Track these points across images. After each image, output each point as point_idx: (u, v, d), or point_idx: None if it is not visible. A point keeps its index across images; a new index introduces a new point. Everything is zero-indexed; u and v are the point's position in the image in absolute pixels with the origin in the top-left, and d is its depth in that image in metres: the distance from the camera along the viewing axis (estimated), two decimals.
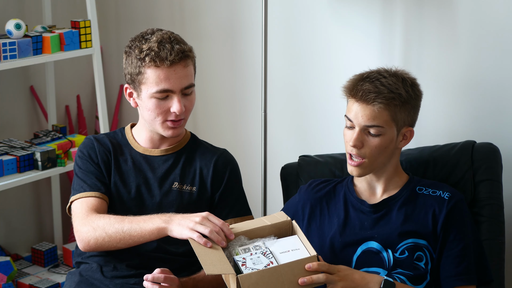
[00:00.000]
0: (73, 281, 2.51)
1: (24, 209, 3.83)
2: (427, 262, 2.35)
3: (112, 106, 3.92)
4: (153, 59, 2.44)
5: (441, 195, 2.40)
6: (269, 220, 2.30)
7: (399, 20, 3.06)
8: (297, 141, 3.40)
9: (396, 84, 2.36)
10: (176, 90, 2.47)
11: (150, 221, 2.34)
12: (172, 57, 2.44)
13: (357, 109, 2.35)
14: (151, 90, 2.47)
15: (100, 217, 2.42)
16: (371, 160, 2.36)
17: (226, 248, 2.23)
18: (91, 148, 2.60)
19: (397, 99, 2.34)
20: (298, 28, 3.31)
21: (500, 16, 2.84)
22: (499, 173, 2.63)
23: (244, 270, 2.14)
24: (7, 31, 3.25)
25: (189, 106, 2.52)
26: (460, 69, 2.95)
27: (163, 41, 2.46)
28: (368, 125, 2.34)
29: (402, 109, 2.36)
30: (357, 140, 2.35)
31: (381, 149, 2.36)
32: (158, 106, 2.48)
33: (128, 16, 3.83)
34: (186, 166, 2.59)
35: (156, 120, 2.51)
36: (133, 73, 2.49)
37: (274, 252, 2.19)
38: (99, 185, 2.53)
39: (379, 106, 2.33)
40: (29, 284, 3.53)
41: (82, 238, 2.43)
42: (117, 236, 2.38)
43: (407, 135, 2.42)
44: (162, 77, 2.45)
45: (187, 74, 2.49)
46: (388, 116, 2.35)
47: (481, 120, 2.93)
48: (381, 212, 2.41)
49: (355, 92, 2.36)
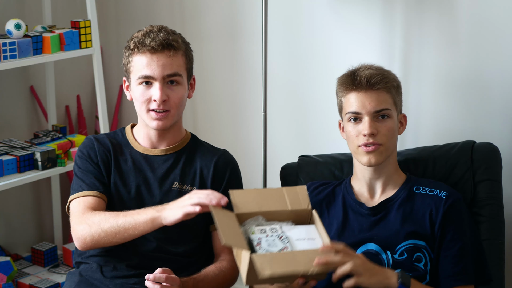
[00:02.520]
0: (73, 281, 2.51)
1: (24, 209, 3.83)
2: (426, 263, 2.35)
3: (112, 106, 3.92)
4: (136, 46, 2.50)
5: (438, 194, 2.40)
6: (290, 201, 2.26)
7: (399, 20, 3.06)
8: (297, 141, 3.40)
9: (386, 70, 2.44)
10: (157, 77, 2.48)
11: (143, 213, 2.36)
12: (154, 43, 2.48)
13: (362, 98, 2.37)
14: (135, 76, 2.51)
15: (96, 214, 2.43)
16: (386, 145, 2.38)
17: (242, 225, 2.22)
18: (91, 148, 2.60)
19: (393, 82, 2.42)
20: (298, 28, 3.31)
21: (500, 16, 2.84)
22: (499, 173, 2.63)
23: (258, 249, 2.13)
24: (7, 31, 3.25)
25: (175, 98, 2.52)
26: (460, 69, 2.95)
27: (151, 31, 2.52)
28: (378, 110, 2.37)
29: (397, 93, 2.44)
30: (371, 127, 2.36)
31: (393, 132, 2.39)
32: (142, 94, 2.51)
33: (128, 16, 3.83)
34: (186, 166, 2.59)
35: (142, 110, 2.53)
36: (125, 64, 2.56)
37: (290, 237, 2.17)
38: (97, 184, 2.53)
39: (383, 90, 2.37)
40: (29, 284, 3.53)
41: (78, 236, 2.44)
42: (113, 231, 2.38)
43: (403, 121, 2.48)
44: (144, 63, 2.49)
45: (172, 63, 2.50)
46: (390, 99, 2.40)
47: (481, 120, 2.93)
48: (379, 215, 2.41)
49: (358, 80, 2.38)
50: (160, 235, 2.50)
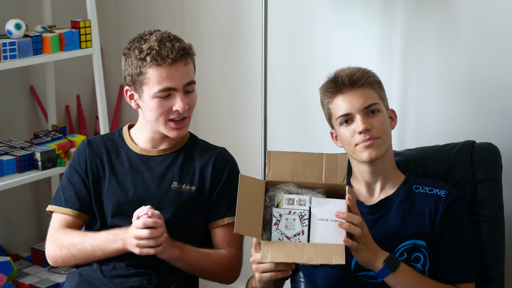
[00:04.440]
0: (73, 281, 2.51)
1: (24, 209, 3.83)
2: (424, 263, 2.35)
3: (112, 106, 3.92)
4: (154, 58, 2.44)
5: (438, 193, 2.40)
6: (326, 172, 2.25)
7: (399, 20, 3.06)
8: (297, 141, 3.40)
9: (364, 68, 2.43)
10: (179, 87, 2.47)
11: (109, 244, 2.44)
12: (173, 54, 2.44)
13: (349, 98, 2.37)
14: (153, 89, 2.47)
15: (65, 237, 2.51)
16: (383, 137, 2.37)
17: (272, 189, 2.23)
18: (82, 153, 2.62)
19: (375, 78, 2.42)
20: (298, 28, 3.31)
21: (500, 16, 2.84)
22: (499, 173, 2.63)
23: (273, 231, 2.17)
24: (7, 31, 3.25)
25: (191, 104, 2.53)
26: (460, 69, 2.95)
27: (163, 40, 2.47)
28: (367, 106, 2.36)
29: (380, 88, 2.43)
30: (365, 123, 2.35)
31: (386, 125, 2.39)
32: (161, 106, 2.48)
33: (128, 16, 3.83)
34: (184, 165, 2.59)
35: (159, 120, 2.50)
36: (134, 74, 2.49)
37: (313, 215, 2.18)
38: (74, 199, 2.57)
39: (366, 86, 2.37)
40: (29, 284, 3.53)
41: (50, 255, 2.55)
42: (82, 256, 2.49)
43: (393, 116, 2.47)
44: (164, 75, 2.45)
45: (188, 71, 2.49)
46: (376, 94, 2.39)
47: (481, 120, 2.93)
48: (379, 213, 2.41)
49: (340, 81, 2.38)
50: None
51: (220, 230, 2.57)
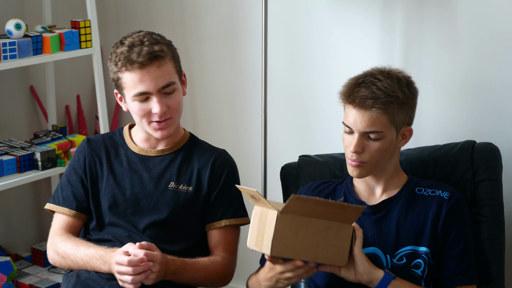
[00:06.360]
0: (70, 283, 2.51)
1: (24, 209, 3.83)
2: (424, 269, 2.34)
3: (112, 106, 3.92)
4: (124, 64, 2.45)
5: (441, 195, 2.39)
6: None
7: (399, 20, 3.06)
8: (297, 141, 3.40)
9: (392, 86, 2.32)
10: (153, 91, 2.46)
11: (97, 264, 2.43)
12: (141, 59, 2.43)
13: (355, 116, 2.32)
14: (130, 93, 2.48)
15: (60, 243, 2.53)
16: (372, 163, 2.35)
17: None
18: (81, 152, 2.63)
19: (394, 102, 2.31)
20: (298, 28, 3.31)
21: (500, 16, 2.84)
22: (499, 173, 2.63)
23: None
24: (7, 31, 3.25)
25: (174, 104, 2.50)
26: (460, 69, 2.95)
27: (134, 44, 2.45)
28: (368, 131, 2.32)
29: (400, 110, 2.33)
30: (357, 146, 2.32)
31: (382, 152, 2.34)
32: (140, 109, 2.49)
33: (128, 16, 3.83)
34: (182, 166, 2.58)
35: (143, 122, 2.51)
36: (114, 79, 2.53)
37: None
38: (71, 199, 2.58)
39: (377, 112, 2.29)
40: (29, 284, 3.53)
41: (49, 257, 2.60)
42: (75, 266, 2.51)
43: (406, 134, 2.41)
44: (136, 80, 2.45)
45: (163, 73, 2.46)
46: (386, 120, 2.32)
47: (481, 120, 2.93)
48: (380, 213, 2.41)
49: (352, 98, 2.32)
50: (156, 234, 2.51)
51: (216, 232, 2.57)
